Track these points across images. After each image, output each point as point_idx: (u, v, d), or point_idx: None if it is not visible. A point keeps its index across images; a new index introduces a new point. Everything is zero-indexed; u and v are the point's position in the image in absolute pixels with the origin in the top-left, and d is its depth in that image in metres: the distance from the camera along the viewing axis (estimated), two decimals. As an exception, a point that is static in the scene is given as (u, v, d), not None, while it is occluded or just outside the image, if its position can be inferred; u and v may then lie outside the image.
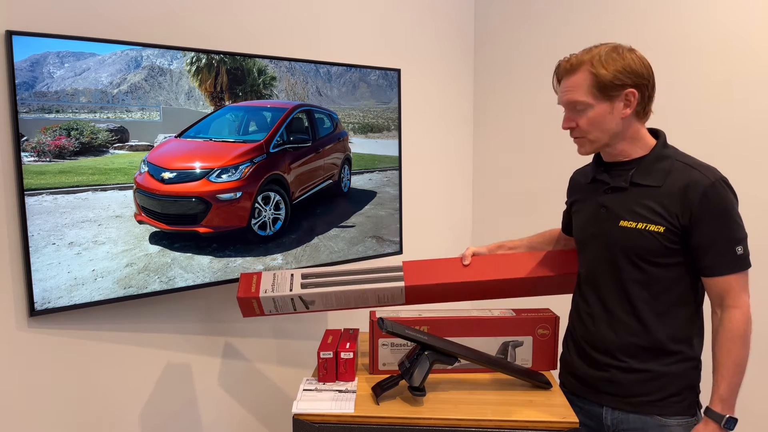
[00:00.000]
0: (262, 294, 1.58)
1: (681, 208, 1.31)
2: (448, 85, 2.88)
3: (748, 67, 2.06)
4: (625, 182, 1.38)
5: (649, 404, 1.38)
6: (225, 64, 1.91)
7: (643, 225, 1.34)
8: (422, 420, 1.35)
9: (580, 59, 1.34)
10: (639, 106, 1.34)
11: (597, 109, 1.34)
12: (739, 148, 2.10)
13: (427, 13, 2.75)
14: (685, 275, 1.36)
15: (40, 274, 1.64)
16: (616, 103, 1.33)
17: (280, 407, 2.36)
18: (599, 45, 1.36)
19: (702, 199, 1.29)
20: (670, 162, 1.35)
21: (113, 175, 1.74)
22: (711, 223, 1.29)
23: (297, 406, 1.38)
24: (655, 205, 1.33)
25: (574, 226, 1.54)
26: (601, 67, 1.31)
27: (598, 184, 1.45)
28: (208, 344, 2.12)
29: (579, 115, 1.36)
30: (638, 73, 1.32)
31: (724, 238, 1.30)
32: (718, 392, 1.31)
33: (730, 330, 1.31)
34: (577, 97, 1.34)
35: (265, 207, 2.02)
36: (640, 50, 1.37)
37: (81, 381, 1.83)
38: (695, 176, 1.31)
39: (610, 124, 1.35)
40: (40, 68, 1.61)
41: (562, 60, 1.39)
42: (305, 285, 1.60)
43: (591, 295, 1.46)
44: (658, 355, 1.37)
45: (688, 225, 1.31)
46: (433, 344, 1.42)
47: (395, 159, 2.38)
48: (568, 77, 1.36)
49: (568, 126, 1.40)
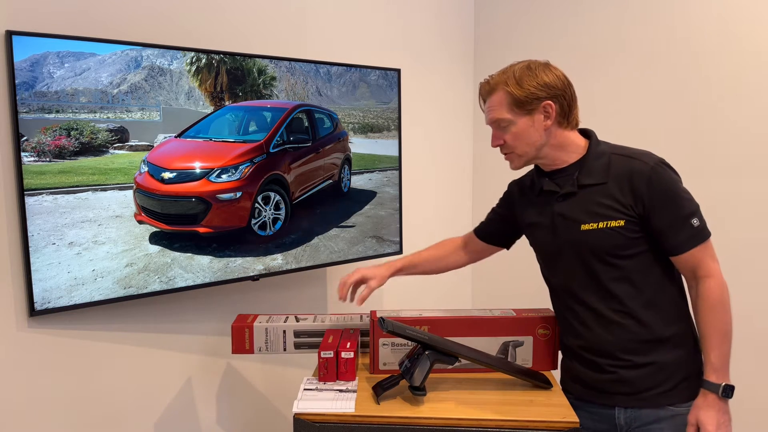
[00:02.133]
0: (256, 352, 1.66)
1: (633, 199, 1.34)
2: (448, 85, 2.88)
3: (750, 66, 2.06)
4: (573, 186, 1.41)
5: (661, 395, 1.39)
6: (225, 64, 1.91)
7: (603, 224, 1.37)
8: (423, 420, 1.35)
9: (496, 80, 1.41)
10: (560, 116, 1.40)
11: (519, 124, 1.40)
12: (741, 148, 2.10)
13: (427, 13, 2.75)
14: (656, 260, 1.39)
15: (40, 274, 1.63)
16: (536, 115, 1.39)
17: (280, 407, 2.36)
18: (514, 64, 1.43)
19: (648, 186, 1.33)
20: (606, 157, 1.40)
21: (113, 175, 1.74)
22: (663, 206, 1.33)
23: (297, 405, 1.38)
24: (609, 201, 1.36)
25: (535, 241, 1.54)
26: (515, 86, 1.38)
27: (547, 194, 1.47)
28: (208, 344, 2.12)
29: (504, 131, 1.43)
30: (552, 85, 1.38)
31: (679, 216, 1.34)
32: (710, 362, 1.34)
33: (708, 299, 1.34)
34: (499, 114, 1.41)
35: (265, 207, 2.02)
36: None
37: (81, 381, 1.83)
38: (636, 165, 1.35)
39: (534, 136, 1.40)
40: (40, 68, 1.61)
41: (482, 82, 1.46)
42: (298, 345, 1.67)
43: (575, 304, 1.46)
44: (657, 345, 1.39)
45: (643, 213, 1.35)
46: (434, 344, 1.42)
47: (395, 159, 2.38)
48: (489, 97, 1.43)
49: (496, 144, 1.46)
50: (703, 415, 1.33)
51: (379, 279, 1.65)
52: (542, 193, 1.49)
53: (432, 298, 2.79)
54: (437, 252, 1.75)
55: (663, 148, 1.60)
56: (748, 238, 2.07)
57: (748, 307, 1.96)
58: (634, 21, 2.34)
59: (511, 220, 1.62)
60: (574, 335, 1.48)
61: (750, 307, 1.99)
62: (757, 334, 2.00)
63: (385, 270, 1.67)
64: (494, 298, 2.97)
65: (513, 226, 1.63)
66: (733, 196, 2.09)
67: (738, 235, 2.08)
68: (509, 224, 1.64)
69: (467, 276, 3.05)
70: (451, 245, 1.76)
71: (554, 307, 1.56)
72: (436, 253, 1.74)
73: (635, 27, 2.34)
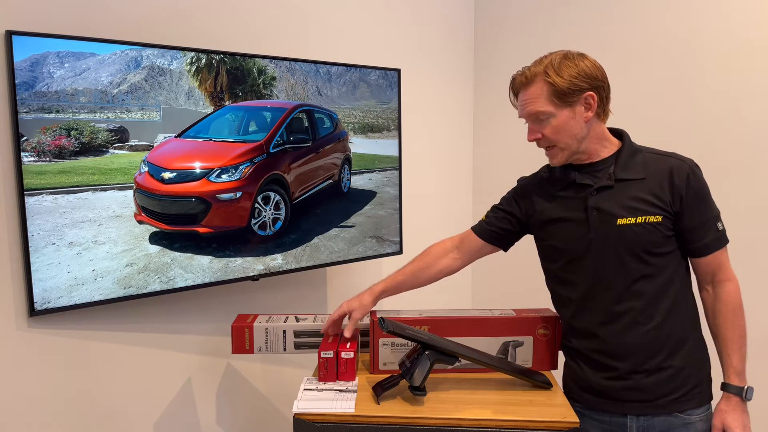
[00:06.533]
0: (256, 352, 1.66)
1: (671, 195, 1.34)
2: (448, 85, 2.88)
3: (752, 65, 2.06)
4: (610, 180, 1.38)
5: (674, 402, 1.38)
6: (225, 64, 1.91)
7: (642, 218, 1.34)
8: (423, 419, 1.35)
9: (534, 71, 1.36)
10: (599, 107, 1.37)
11: (560, 117, 1.35)
12: (743, 148, 2.10)
13: (427, 13, 2.75)
14: (681, 260, 1.40)
15: (40, 274, 1.63)
16: (577, 107, 1.35)
17: (280, 407, 2.36)
18: (549, 54, 1.37)
19: (687, 183, 1.33)
20: (642, 154, 1.39)
21: (113, 175, 1.74)
22: (697, 205, 1.34)
23: (297, 405, 1.38)
24: (647, 196, 1.35)
25: (559, 238, 1.45)
26: (556, 75, 1.33)
27: (577, 188, 1.42)
28: (208, 344, 2.12)
29: (542, 125, 1.38)
30: (593, 76, 1.34)
31: (708, 218, 1.36)
32: (732, 365, 1.34)
33: (729, 302, 1.36)
34: (538, 107, 1.36)
35: (265, 207, 2.02)
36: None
37: (81, 381, 1.83)
38: (674, 163, 1.36)
39: (575, 129, 1.36)
40: (40, 68, 1.61)
41: (516, 74, 1.40)
42: (298, 345, 1.67)
43: (597, 304, 1.41)
44: (675, 350, 1.38)
45: (678, 210, 1.34)
46: (434, 344, 1.42)
47: (395, 159, 2.38)
48: (525, 90, 1.38)
49: (533, 138, 1.41)
50: (729, 418, 1.33)
51: (362, 309, 1.57)
52: (571, 187, 1.43)
53: (432, 298, 2.79)
54: (421, 262, 1.62)
55: (663, 147, 1.60)
56: (748, 236, 2.07)
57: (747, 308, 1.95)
58: (635, 21, 2.34)
59: (519, 219, 1.54)
60: (588, 337, 1.43)
61: (749, 309, 1.99)
62: (758, 334, 2.00)
63: (367, 297, 1.58)
64: (494, 298, 2.97)
65: (520, 226, 1.55)
66: (735, 195, 2.10)
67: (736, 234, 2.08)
68: (516, 223, 1.55)
69: (467, 276, 3.05)
70: (438, 249, 1.63)
71: (565, 313, 1.49)
72: (420, 264, 1.62)
73: (635, 27, 2.34)
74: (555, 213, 1.46)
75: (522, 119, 1.43)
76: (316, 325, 1.66)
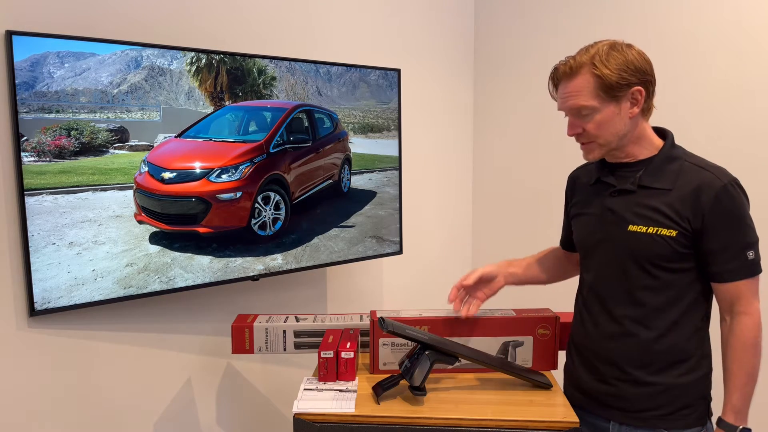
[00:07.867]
0: (256, 352, 1.67)
1: (693, 212, 1.25)
2: (448, 85, 2.88)
3: (755, 64, 2.06)
4: (633, 185, 1.31)
5: (658, 418, 1.33)
6: (225, 64, 1.91)
7: (654, 229, 1.27)
8: (423, 419, 1.35)
9: (579, 61, 1.26)
10: (645, 103, 1.28)
11: (604, 112, 1.26)
12: (749, 148, 2.10)
13: (427, 13, 2.75)
14: (696, 280, 1.31)
15: (40, 274, 1.63)
16: (623, 103, 1.26)
17: (280, 407, 2.36)
18: (595, 44, 1.28)
19: (714, 202, 1.23)
20: (679, 163, 1.29)
21: (113, 175, 1.74)
22: (723, 227, 1.24)
23: (297, 405, 1.38)
24: (666, 209, 1.27)
25: (576, 230, 1.46)
26: (604, 67, 1.23)
27: (602, 185, 1.38)
28: (208, 344, 2.12)
29: (585, 119, 1.29)
30: (642, 69, 1.25)
31: (736, 243, 1.25)
32: (731, 402, 1.27)
33: (741, 338, 1.26)
34: (582, 101, 1.26)
35: (265, 207, 2.02)
36: (644, 49, 1.31)
37: (81, 381, 1.83)
38: (707, 178, 1.25)
39: (619, 125, 1.28)
40: (40, 68, 1.61)
41: (559, 63, 1.30)
42: (298, 345, 1.67)
43: (596, 304, 1.40)
44: (669, 366, 1.32)
45: (699, 229, 1.25)
46: (434, 344, 1.42)
47: (395, 159, 2.38)
48: (569, 81, 1.28)
49: (574, 132, 1.32)
50: None
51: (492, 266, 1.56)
52: (597, 184, 1.39)
53: (432, 298, 2.79)
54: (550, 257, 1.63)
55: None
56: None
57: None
58: (634, 20, 2.34)
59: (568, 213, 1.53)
60: (586, 336, 1.43)
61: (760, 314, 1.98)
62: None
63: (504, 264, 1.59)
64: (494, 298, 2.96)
65: None
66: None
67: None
68: None
69: (467, 276, 3.04)
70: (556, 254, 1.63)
71: (576, 303, 1.50)
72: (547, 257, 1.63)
73: (635, 27, 2.34)
74: (578, 208, 1.46)
75: (562, 112, 1.35)
76: (316, 325, 1.66)
